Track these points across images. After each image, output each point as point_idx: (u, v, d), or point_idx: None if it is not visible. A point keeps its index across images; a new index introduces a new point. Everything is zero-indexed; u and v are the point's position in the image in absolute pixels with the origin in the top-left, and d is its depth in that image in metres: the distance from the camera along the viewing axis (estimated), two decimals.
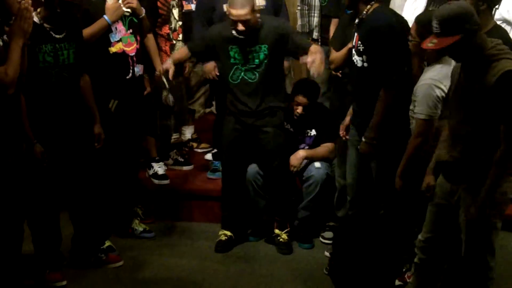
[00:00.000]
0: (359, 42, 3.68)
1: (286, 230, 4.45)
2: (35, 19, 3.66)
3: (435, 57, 3.36)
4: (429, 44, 2.95)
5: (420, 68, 3.52)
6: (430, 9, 4.05)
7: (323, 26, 5.07)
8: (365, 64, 3.69)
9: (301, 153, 4.52)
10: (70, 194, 4.01)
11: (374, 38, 3.58)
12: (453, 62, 3.27)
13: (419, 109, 3.37)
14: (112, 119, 4.21)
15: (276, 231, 4.45)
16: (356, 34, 3.74)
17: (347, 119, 4.08)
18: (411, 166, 3.49)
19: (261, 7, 4.34)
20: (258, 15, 4.10)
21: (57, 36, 3.73)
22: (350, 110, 4.04)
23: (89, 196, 4.01)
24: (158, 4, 4.69)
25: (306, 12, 5.08)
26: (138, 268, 4.22)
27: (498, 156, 2.87)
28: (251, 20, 4.01)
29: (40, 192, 3.79)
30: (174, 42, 4.79)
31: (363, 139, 3.74)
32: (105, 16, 4.11)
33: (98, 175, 4.03)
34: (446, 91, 3.30)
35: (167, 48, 4.78)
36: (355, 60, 3.76)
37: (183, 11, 4.98)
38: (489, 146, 2.90)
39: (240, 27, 3.99)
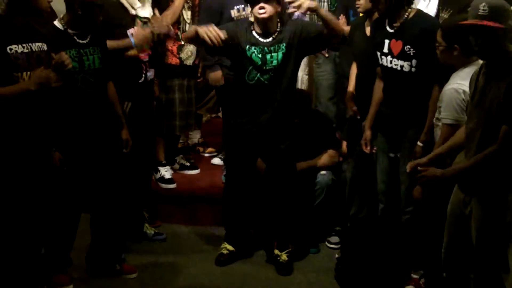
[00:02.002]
0: (407, 46, 3.62)
1: (286, 251, 4.31)
2: (58, 25, 3.66)
3: (463, 62, 3.33)
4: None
5: None
6: (442, 14, 4.07)
7: None
8: (413, 69, 3.64)
9: (304, 164, 4.53)
10: (93, 201, 3.97)
11: (427, 39, 3.50)
12: None
13: (445, 114, 3.32)
14: (127, 122, 4.21)
15: (276, 251, 4.32)
16: (391, 40, 3.69)
17: (368, 133, 3.99)
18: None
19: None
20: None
21: (82, 41, 3.70)
22: (368, 123, 3.98)
23: (112, 203, 3.98)
24: (169, 2, 4.67)
25: (315, 17, 5.09)
26: (145, 272, 4.21)
27: (487, 154, 2.81)
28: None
29: (62, 195, 3.77)
30: (183, 43, 4.79)
31: (419, 143, 3.65)
32: (132, 39, 4.10)
33: (119, 181, 4.00)
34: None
35: (174, 48, 4.77)
36: (397, 66, 3.70)
37: None
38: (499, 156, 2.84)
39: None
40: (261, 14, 3.89)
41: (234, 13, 4.55)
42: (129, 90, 4.15)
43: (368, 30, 4.07)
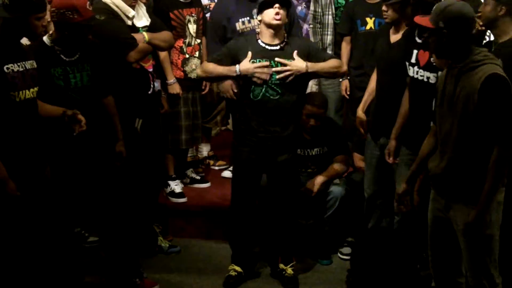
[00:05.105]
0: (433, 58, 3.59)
1: (291, 264, 4.27)
2: (46, 41, 3.64)
3: None
4: (421, 16, 3.13)
5: None
6: None
7: (336, 44, 5.09)
8: None
9: (319, 179, 4.48)
10: (98, 219, 3.92)
11: None
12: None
13: (433, 121, 3.33)
14: (138, 138, 4.20)
15: (281, 265, 4.29)
16: (419, 50, 3.67)
17: (393, 144, 3.92)
18: (427, 181, 3.45)
19: None
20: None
21: (68, 59, 3.65)
22: (394, 133, 3.91)
23: (117, 219, 3.90)
24: (171, 15, 4.69)
25: (319, 30, 5.09)
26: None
27: (492, 162, 2.84)
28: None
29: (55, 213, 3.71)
30: (187, 56, 4.81)
31: None
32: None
33: (124, 197, 3.93)
34: None
35: (179, 61, 4.78)
36: (422, 77, 3.67)
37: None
38: (476, 157, 2.89)
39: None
40: (276, 19, 3.92)
41: (239, 25, 4.55)
42: (140, 103, 4.15)
43: (392, 38, 4.05)
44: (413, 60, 3.73)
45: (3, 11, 3.22)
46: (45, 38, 3.66)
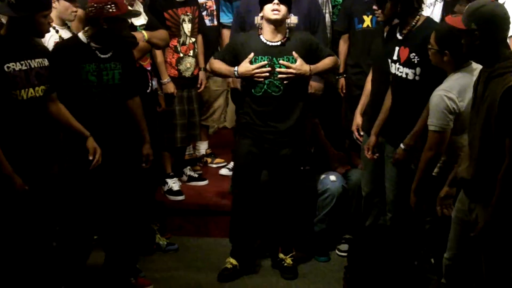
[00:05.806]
0: (413, 54, 3.62)
1: (291, 255, 4.32)
2: (82, 38, 3.64)
3: (453, 67, 3.32)
4: (452, 15, 3.01)
5: None
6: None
7: (334, 42, 5.09)
8: (417, 78, 3.63)
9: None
10: (106, 218, 3.89)
11: None
12: (474, 73, 3.20)
13: (430, 121, 3.32)
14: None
15: (281, 255, 4.33)
16: (400, 47, 3.70)
17: (373, 139, 3.97)
18: (425, 181, 3.46)
19: (292, 25, 4.35)
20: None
21: (103, 56, 3.66)
22: (374, 129, 3.95)
23: (125, 218, 3.91)
24: (165, 15, 4.70)
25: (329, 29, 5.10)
26: (156, 284, 4.20)
27: (502, 171, 2.77)
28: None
29: (72, 213, 3.74)
30: (181, 55, 4.81)
31: (401, 146, 3.67)
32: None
33: (125, 195, 3.90)
34: (458, 102, 3.25)
35: (173, 60, 4.79)
36: (402, 74, 3.69)
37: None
38: (498, 163, 2.81)
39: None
40: (274, 14, 3.93)
41: (257, 19, 4.55)
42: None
43: None
44: (395, 57, 3.74)
45: (9, 10, 3.23)
46: (80, 35, 3.68)
